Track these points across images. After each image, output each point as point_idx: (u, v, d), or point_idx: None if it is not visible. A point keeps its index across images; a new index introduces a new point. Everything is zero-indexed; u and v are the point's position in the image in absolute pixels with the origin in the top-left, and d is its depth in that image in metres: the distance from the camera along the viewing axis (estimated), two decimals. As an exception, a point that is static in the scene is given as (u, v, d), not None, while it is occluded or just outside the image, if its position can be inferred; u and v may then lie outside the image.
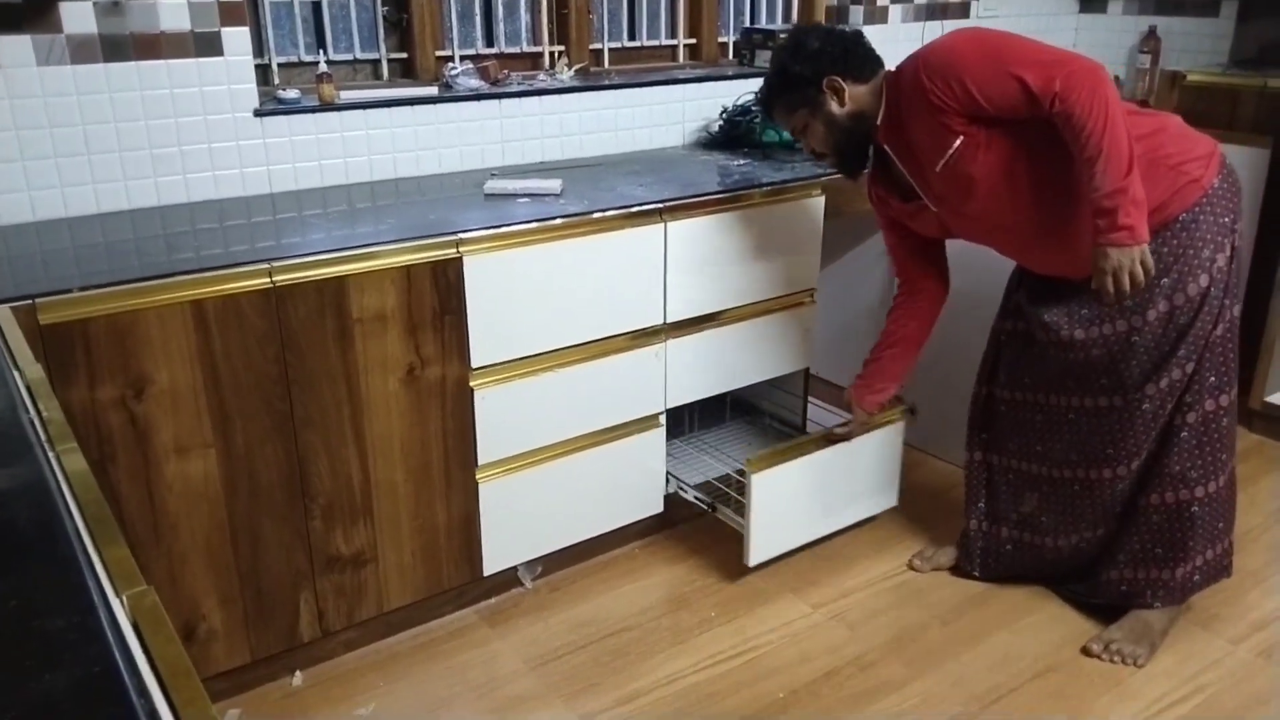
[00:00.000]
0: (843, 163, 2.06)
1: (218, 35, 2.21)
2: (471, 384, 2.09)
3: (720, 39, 3.25)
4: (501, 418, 2.16)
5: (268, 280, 1.81)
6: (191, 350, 1.76)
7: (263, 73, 2.47)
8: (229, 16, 2.22)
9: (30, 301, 1.61)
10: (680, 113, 2.98)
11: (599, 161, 2.76)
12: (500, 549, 2.27)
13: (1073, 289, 2.01)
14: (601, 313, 2.22)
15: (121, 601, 0.83)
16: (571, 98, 2.77)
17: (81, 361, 1.66)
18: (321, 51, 2.54)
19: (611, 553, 2.50)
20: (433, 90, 2.58)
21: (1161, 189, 1.89)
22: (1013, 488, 2.27)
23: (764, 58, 3.14)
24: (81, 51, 2.07)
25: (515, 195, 2.33)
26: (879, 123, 1.97)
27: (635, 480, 2.45)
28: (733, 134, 2.90)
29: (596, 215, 2.17)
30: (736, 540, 2.37)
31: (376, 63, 2.65)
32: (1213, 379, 2.01)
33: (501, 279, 2.06)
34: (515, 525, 2.27)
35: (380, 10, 2.62)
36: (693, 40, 3.20)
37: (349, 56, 2.60)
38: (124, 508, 1.76)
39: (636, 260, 2.24)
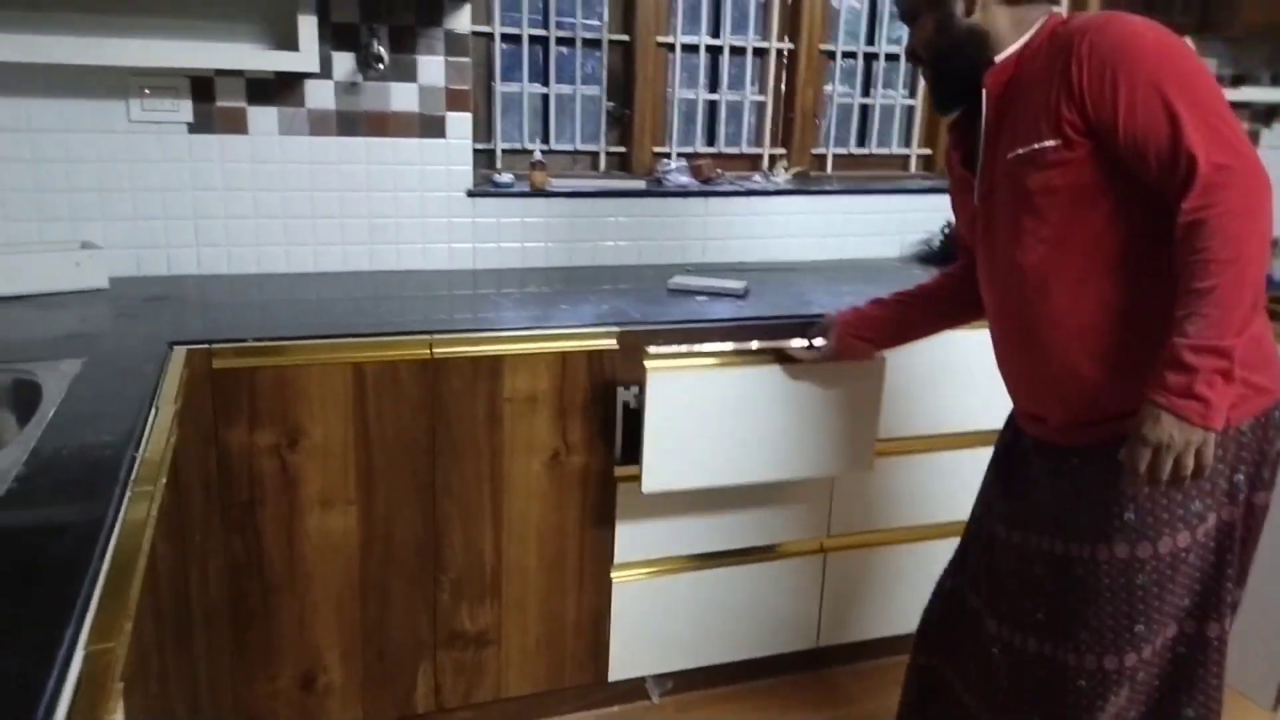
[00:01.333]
0: (937, 82, 1.57)
1: (443, 119, 2.36)
2: (616, 475, 2.04)
3: (959, 153, 3.08)
4: (647, 517, 2.09)
5: (427, 352, 1.86)
6: (347, 409, 1.84)
7: (489, 157, 2.60)
8: (455, 102, 2.36)
9: (207, 346, 1.74)
10: (900, 224, 2.84)
11: (806, 267, 2.67)
12: (629, 655, 2.18)
13: (1050, 454, 1.55)
14: (782, 442, 2.11)
15: (84, 655, 0.83)
16: (782, 200, 2.72)
17: (245, 407, 1.78)
18: (541, 141, 2.65)
19: (753, 683, 2.34)
20: (640, 184, 2.62)
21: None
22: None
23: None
24: (319, 124, 2.27)
25: (698, 291, 2.29)
26: (999, 59, 1.48)
27: (789, 608, 2.29)
28: (952, 249, 2.72)
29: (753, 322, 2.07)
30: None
31: (596, 154, 2.72)
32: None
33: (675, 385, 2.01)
34: (648, 633, 2.18)
35: (605, 105, 2.70)
36: (927, 150, 3.06)
37: (570, 147, 2.69)
38: (265, 550, 1.85)
39: (837, 382, 2.11)
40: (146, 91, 2.13)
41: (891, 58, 2.96)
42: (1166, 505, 1.43)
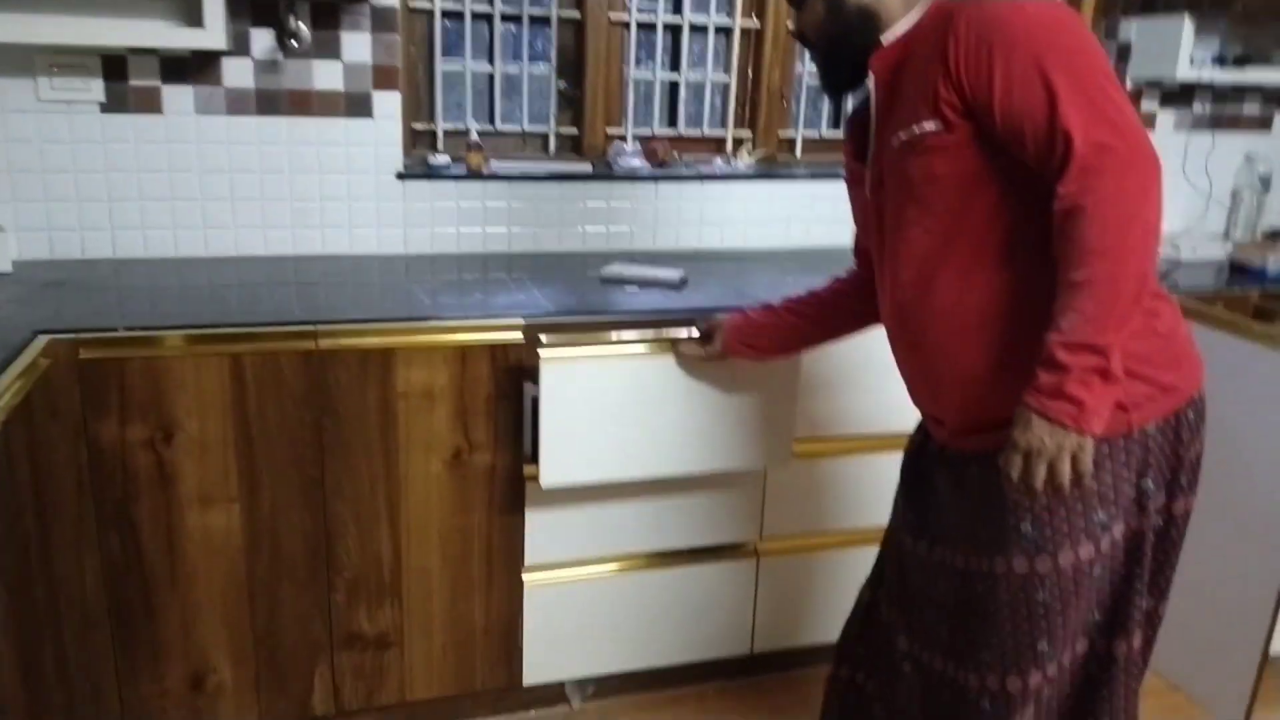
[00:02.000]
0: (827, 67, 1.46)
1: (369, 98, 2.26)
2: (525, 473, 1.93)
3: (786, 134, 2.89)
4: (558, 516, 1.98)
5: (312, 344, 1.77)
6: (225, 404, 1.76)
7: (430, 138, 2.50)
8: (382, 81, 2.26)
9: (73, 336, 1.66)
10: (872, 212, 2.67)
11: (762, 256, 2.53)
12: (545, 660, 2.08)
13: (952, 462, 1.43)
14: (690, 435, 1.98)
15: None
16: (742, 185, 2.58)
17: (116, 400, 1.70)
18: (488, 121, 2.54)
19: (681, 689, 2.22)
20: (585, 167, 2.50)
21: None
22: None
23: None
24: (238, 104, 2.19)
25: (630, 281, 2.17)
26: (885, 40, 1.37)
27: (720, 613, 2.17)
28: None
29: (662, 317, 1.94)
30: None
31: (546, 136, 2.60)
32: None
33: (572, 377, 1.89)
34: (565, 637, 2.07)
35: (555, 84, 2.57)
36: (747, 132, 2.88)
37: (517, 128, 2.58)
38: (144, 548, 1.78)
39: (750, 374, 1.98)
40: (55, 70, 2.06)
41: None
42: (1066, 516, 1.32)
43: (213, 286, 2.03)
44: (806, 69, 2.74)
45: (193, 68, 2.15)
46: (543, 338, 1.84)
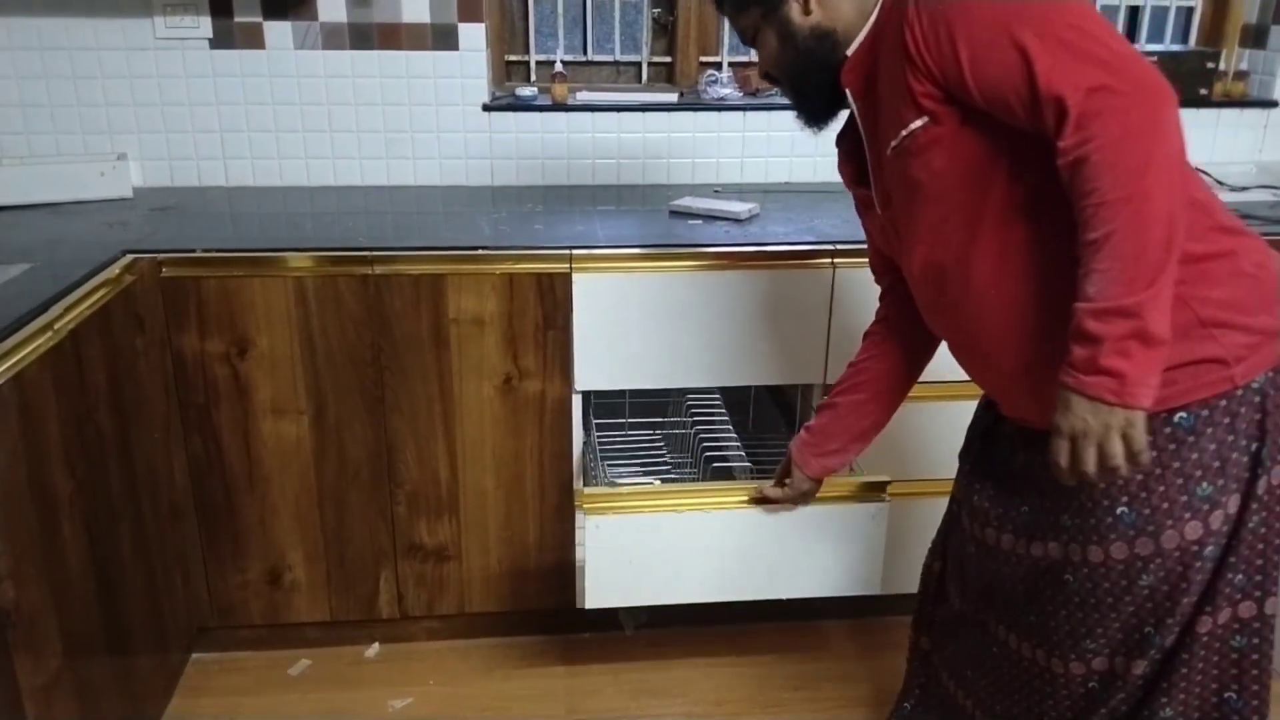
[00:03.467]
0: (799, 98, 1.36)
1: (454, 30, 2.31)
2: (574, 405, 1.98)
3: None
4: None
5: (368, 269, 1.86)
6: (291, 322, 1.88)
7: (525, 69, 2.54)
8: (467, 12, 2.31)
9: (153, 256, 1.82)
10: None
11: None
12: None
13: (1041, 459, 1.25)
14: (739, 359, 1.96)
15: None
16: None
17: (194, 315, 1.86)
18: (580, 52, 2.54)
19: (734, 626, 2.22)
20: (671, 96, 2.47)
21: (1172, 350, 1.09)
22: (946, 711, 1.57)
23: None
24: (332, 38, 2.29)
25: (696, 215, 2.14)
26: (850, 53, 1.27)
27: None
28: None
29: (724, 250, 1.91)
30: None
31: (639, 65, 2.58)
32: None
33: (613, 301, 1.91)
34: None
35: (649, 12, 2.54)
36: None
37: (609, 58, 2.57)
38: (224, 451, 1.95)
39: (789, 305, 1.93)
40: (169, 9, 2.23)
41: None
42: (1165, 493, 1.20)
43: (299, 214, 2.16)
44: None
45: (291, 3, 2.26)
46: (574, 252, 1.88)
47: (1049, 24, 1.07)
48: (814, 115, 1.37)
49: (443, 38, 2.32)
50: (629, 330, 1.93)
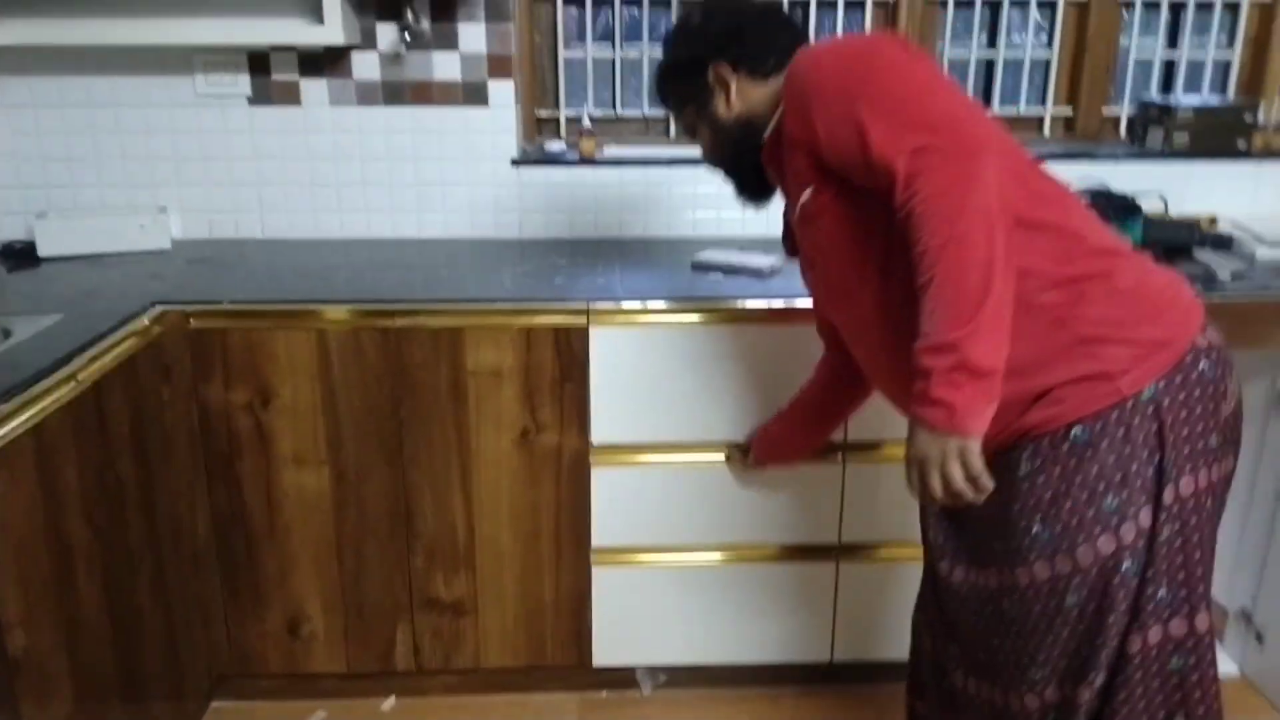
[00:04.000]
0: (735, 181, 1.55)
1: (485, 86, 2.36)
2: (591, 459, 1.97)
3: (1111, 111, 2.64)
4: (627, 501, 2.00)
5: (389, 321, 1.89)
6: (313, 374, 1.91)
7: (555, 125, 2.58)
8: (497, 69, 2.35)
9: (182, 308, 1.87)
10: (1015, 197, 2.48)
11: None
12: (615, 643, 2.11)
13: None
14: (757, 413, 1.94)
15: None
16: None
17: (220, 365, 1.90)
18: (608, 106, 2.58)
19: (756, 689, 2.18)
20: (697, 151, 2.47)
21: (1055, 370, 1.23)
22: None
23: (1156, 138, 2.50)
24: (367, 95, 2.35)
25: (718, 268, 2.14)
26: (766, 137, 1.42)
27: (797, 615, 2.11)
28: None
29: (743, 305, 1.90)
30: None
31: (666, 120, 2.61)
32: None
33: (631, 354, 1.91)
34: (637, 622, 2.10)
35: (679, 67, 2.56)
36: (1067, 109, 2.64)
37: (638, 113, 2.60)
38: (246, 501, 1.97)
39: (810, 360, 1.91)
40: (209, 67, 2.31)
41: (1018, 4, 2.58)
42: (1072, 508, 1.25)
43: (329, 267, 2.19)
44: (948, 42, 2.57)
45: (326, 62, 2.32)
46: (592, 304, 1.89)
47: (883, 97, 1.19)
48: (751, 195, 1.54)
49: (474, 94, 2.36)
50: (647, 384, 1.93)
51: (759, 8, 1.46)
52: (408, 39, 2.25)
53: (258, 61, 2.32)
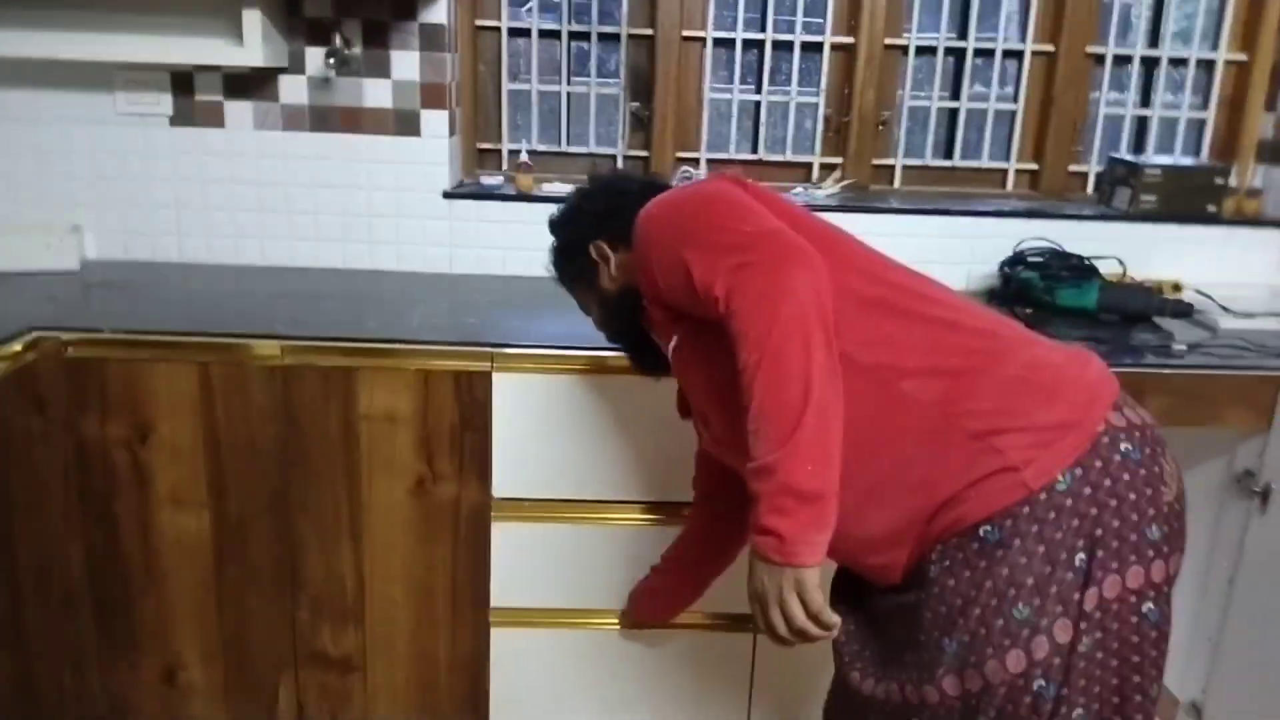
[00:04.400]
0: (627, 351, 1.49)
1: (417, 116, 2.26)
2: (491, 513, 1.85)
3: (1079, 168, 2.52)
4: (529, 559, 1.88)
5: (276, 357, 1.78)
6: (195, 410, 1.80)
7: (496, 157, 2.48)
8: (431, 99, 2.26)
9: (57, 335, 1.76)
10: (971, 251, 2.36)
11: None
12: (514, 707, 1.97)
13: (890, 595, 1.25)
14: (672, 471, 1.82)
15: None
16: (821, 217, 2.34)
17: (98, 398, 1.79)
18: (555, 143, 2.48)
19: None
20: (639, 191, 2.37)
21: (955, 474, 1.11)
22: None
23: (1123, 197, 2.39)
24: (293, 120, 2.26)
25: (642, 317, 2.02)
26: (646, 304, 1.33)
27: (717, 688, 1.97)
28: (1010, 289, 2.22)
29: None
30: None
31: (615, 159, 2.51)
32: None
33: (537, 403, 1.79)
34: (538, 687, 1.96)
35: (627, 105, 2.48)
36: (1032, 165, 2.53)
37: (584, 149, 2.50)
38: (122, 542, 1.85)
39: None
40: (130, 85, 2.22)
41: (983, 53, 2.47)
42: (981, 616, 1.10)
43: (233, 295, 2.10)
44: (908, 91, 2.47)
45: (253, 84, 2.24)
46: (497, 350, 1.78)
47: (700, 233, 1.17)
48: (645, 363, 1.46)
49: (405, 123, 2.27)
50: (554, 436, 1.81)
51: (639, 183, 1.44)
52: (333, 64, 2.16)
53: (181, 81, 2.23)
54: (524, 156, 2.36)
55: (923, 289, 1.24)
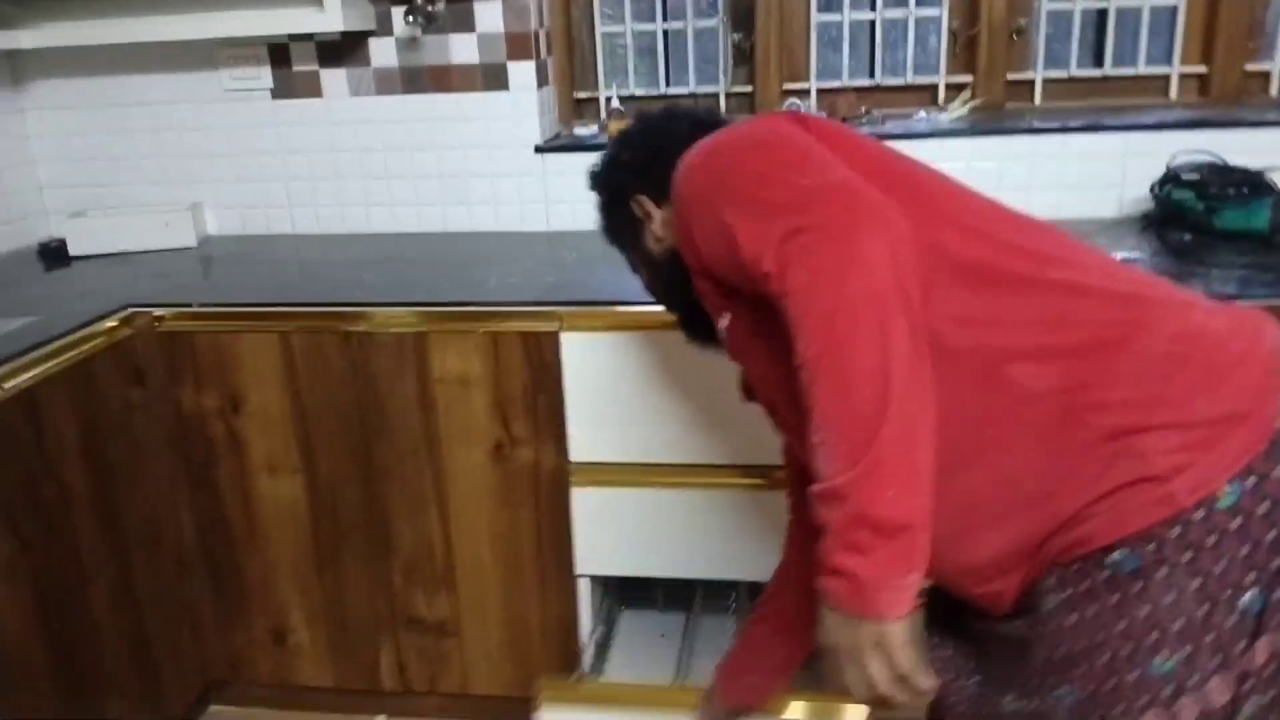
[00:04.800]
0: (683, 320, 1.23)
1: (504, 69, 2.20)
2: (571, 479, 1.78)
3: (1256, 66, 2.15)
4: (611, 526, 1.80)
5: (351, 326, 1.77)
6: (280, 379, 1.82)
7: (595, 107, 2.39)
8: (516, 50, 2.18)
9: (149, 310, 1.82)
10: (1124, 172, 2.07)
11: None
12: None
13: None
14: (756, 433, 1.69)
15: None
16: (948, 143, 2.12)
17: (191, 370, 1.84)
18: (653, 86, 2.36)
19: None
20: (739, 130, 2.21)
21: (1079, 486, 0.87)
22: None
23: (1310, 97, 2.02)
24: (385, 83, 2.24)
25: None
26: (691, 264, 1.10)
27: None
28: (1162, 212, 1.92)
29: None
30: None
31: (717, 98, 2.35)
32: None
33: (609, 363, 1.70)
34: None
35: (730, 38, 2.31)
36: (1200, 67, 2.18)
37: (685, 90, 2.36)
38: (226, 507, 1.91)
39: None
40: (232, 61, 2.27)
41: (1135, -60, 2.14)
42: (1110, 664, 0.88)
43: (325, 264, 2.12)
44: (1046, -6, 2.17)
45: (345, 51, 2.23)
46: (563, 312, 1.69)
47: (741, 187, 0.95)
48: (698, 335, 1.22)
49: (493, 77, 2.21)
50: (630, 397, 1.71)
51: (691, 123, 1.17)
52: (417, 21, 2.11)
53: (279, 54, 2.26)
54: (614, 103, 2.25)
55: (1040, 244, 0.98)
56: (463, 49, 2.20)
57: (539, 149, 2.23)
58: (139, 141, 2.36)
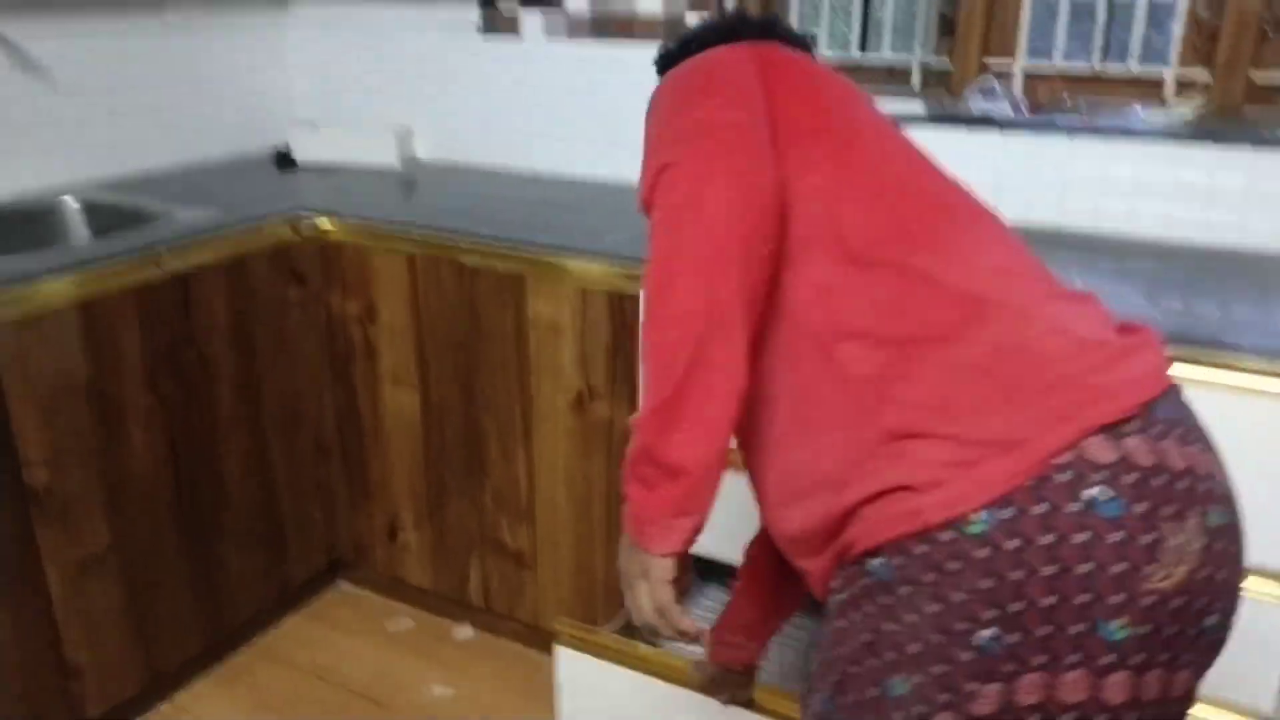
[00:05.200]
0: None
1: (683, 21, 2.17)
2: (641, 441, 1.78)
3: None
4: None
5: (465, 258, 1.87)
6: (406, 297, 1.96)
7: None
8: (697, 2, 2.15)
9: (309, 217, 2.02)
10: (1377, 206, 1.70)
11: (1144, 250, 1.81)
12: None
13: None
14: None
15: None
16: (1157, 149, 1.85)
17: (338, 276, 2.03)
18: (845, 49, 2.23)
19: None
20: (916, 107, 2.05)
21: (860, 479, 0.82)
22: None
23: None
24: (577, 28, 2.30)
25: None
26: None
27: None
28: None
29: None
30: None
31: (910, 71, 2.19)
32: None
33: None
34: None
35: (933, 4, 2.13)
36: None
37: (879, 57, 2.21)
38: (360, 404, 2.11)
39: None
40: (449, -4, 2.42)
41: None
42: (856, 676, 0.83)
43: (487, 199, 2.21)
44: (1321, -23, 1.79)
45: (544, -7, 2.31)
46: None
47: (663, 118, 0.97)
48: None
49: (673, 30, 2.19)
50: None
51: (711, 36, 1.08)
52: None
53: (487, -9, 2.38)
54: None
55: (934, 227, 0.90)
56: (648, -1, 2.20)
57: (710, 107, 2.19)
58: (362, 65, 2.59)
